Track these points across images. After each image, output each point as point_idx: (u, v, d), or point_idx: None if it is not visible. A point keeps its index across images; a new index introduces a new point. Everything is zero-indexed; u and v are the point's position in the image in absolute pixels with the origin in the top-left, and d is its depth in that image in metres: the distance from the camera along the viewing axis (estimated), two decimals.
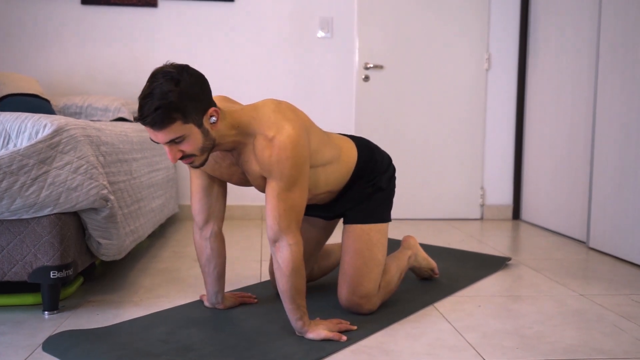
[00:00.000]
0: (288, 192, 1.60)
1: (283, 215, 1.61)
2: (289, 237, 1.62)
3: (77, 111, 3.28)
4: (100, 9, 3.73)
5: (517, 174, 4.04)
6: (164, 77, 1.46)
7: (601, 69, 2.96)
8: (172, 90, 1.45)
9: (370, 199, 1.93)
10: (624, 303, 2.11)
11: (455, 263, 2.64)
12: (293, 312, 1.66)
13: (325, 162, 1.81)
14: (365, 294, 1.87)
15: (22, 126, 1.81)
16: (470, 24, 3.92)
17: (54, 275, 1.85)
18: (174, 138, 1.50)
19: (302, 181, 1.63)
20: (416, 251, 2.25)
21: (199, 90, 1.51)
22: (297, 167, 1.60)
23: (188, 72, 1.50)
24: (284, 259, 1.62)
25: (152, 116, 1.44)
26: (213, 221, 1.86)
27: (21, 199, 1.76)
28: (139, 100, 1.48)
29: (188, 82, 1.48)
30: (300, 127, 1.63)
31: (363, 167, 1.93)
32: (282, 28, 3.85)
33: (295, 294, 1.64)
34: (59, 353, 1.56)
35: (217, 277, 1.90)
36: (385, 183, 1.97)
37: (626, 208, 2.75)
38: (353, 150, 1.93)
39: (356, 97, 3.89)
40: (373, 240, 1.91)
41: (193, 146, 1.53)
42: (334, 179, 1.87)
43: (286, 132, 1.58)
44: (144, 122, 1.47)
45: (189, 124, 1.49)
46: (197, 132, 1.52)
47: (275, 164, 1.58)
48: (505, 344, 1.69)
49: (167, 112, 1.45)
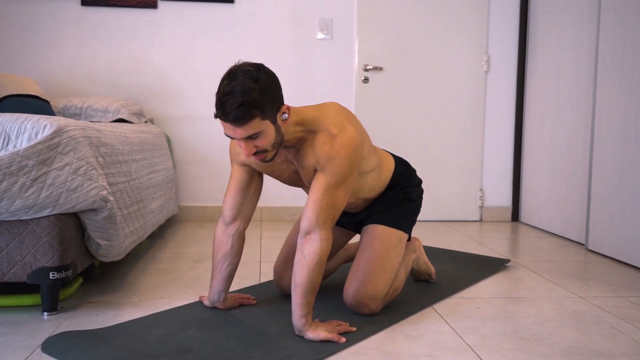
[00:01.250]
0: (334, 189, 1.66)
1: (324, 209, 1.65)
2: (322, 232, 1.66)
3: (77, 112, 3.28)
4: (100, 10, 3.73)
5: (516, 176, 4.04)
6: (243, 75, 1.51)
7: (600, 71, 2.97)
8: (253, 87, 1.50)
9: (399, 206, 1.99)
10: (623, 305, 2.11)
11: (454, 265, 2.64)
12: (300, 308, 1.66)
13: (370, 169, 1.89)
14: (373, 294, 1.88)
15: (22, 127, 1.81)
16: (470, 26, 3.93)
17: (53, 276, 1.85)
18: (252, 134, 1.55)
19: (349, 183, 1.69)
20: (419, 254, 2.27)
21: (275, 87, 1.57)
22: (350, 168, 1.66)
23: (264, 70, 1.56)
24: (311, 251, 1.65)
25: (235, 112, 1.49)
26: (241, 220, 1.89)
27: (21, 200, 1.76)
28: (218, 97, 1.52)
29: (266, 79, 1.54)
30: (361, 131, 1.73)
31: (398, 179, 2.01)
32: (281, 30, 3.86)
33: (310, 289, 1.66)
34: (58, 354, 1.56)
35: (227, 275, 1.91)
36: (415, 195, 2.05)
37: (625, 210, 2.75)
38: (391, 162, 2.02)
39: (355, 98, 3.89)
40: (393, 244, 1.94)
41: (267, 142, 1.59)
42: (375, 186, 1.95)
43: (349, 132, 1.66)
44: (225, 119, 1.51)
45: (266, 120, 1.55)
46: (272, 127, 1.58)
47: (332, 159, 1.64)
48: (504, 345, 1.70)
49: (249, 109, 1.50)
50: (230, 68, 1.55)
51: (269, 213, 3.93)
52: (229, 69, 1.55)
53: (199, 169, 3.88)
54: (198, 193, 3.90)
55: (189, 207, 3.88)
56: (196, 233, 3.44)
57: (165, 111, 3.83)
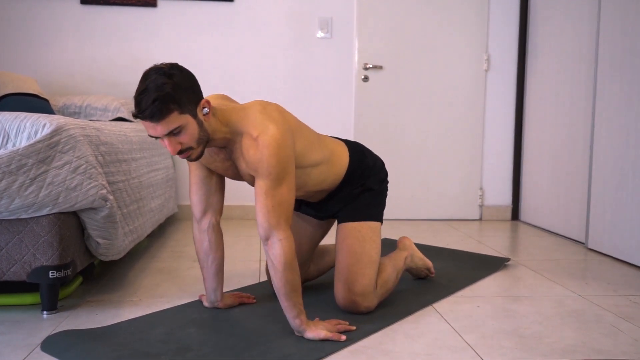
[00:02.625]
0: (275, 189, 1.64)
1: (272, 212, 1.64)
2: (279, 232, 1.64)
3: (76, 111, 3.27)
4: (99, 9, 3.73)
5: (516, 174, 4.04)
6: (156, 72, 1.53)
7: (600, 70, 2.97)
8: (167, 82, 1.51)
9: (359, 198, 1.98)
10: (623, 304, 2.11)
11: (454, 263, 2.64)
12: (289, 310, 1.66)
13: (314, 164, 1.85)
14: (360, 291, 1.87)
15: (21, 126, 1.81)
16: (470, 25, 3.93)
17: (53, 275, 1.84)
18: (172, 129, 1.54)
19: (288, 178, 1.67)
20: (412, 252, 2.27)
21: (190, 82, 1.58)
22: (281, 165, 1.64)
23: (178, 67, 1.57)
24: (275, 254, 1.63)
25: (150, 108, 1.50)
26: (211, 213, 1.88)
27: (20, 199, 1.76)
28: (135, 98, 1.53)
29: (179, 76, 1.55)
30: (284, 128, 1.68)
31: (354, 171, 1.98)
32: (281, 28, 3.85)
33: (290, 291, 1.64)
34: (57, 353, 1.56)
35: (215, 271, 1.91)
36: (375, 185, 2.01)
37: (625, 209, 2.75)
38: (345, 154, 1.98)
39: (355, 97, 3.89)
40: (365, 237, 1.93)
41: (190, 137, 1.58)
42: (323, 181, 1.91)
43: (270, 131, 1.64)
44: (142, 116, 1.52)
45: (185, 114, 1.55)
46: (193, 122, 1.58)
47: (260, 161, 1.63)
48: (503, 344, 1.70)
49: (164, 103, 1.50)
50: (145, 71, 1.57)
51: None
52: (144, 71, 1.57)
53: None
54: None
55: (188, 206, 3.88)
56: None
57: None
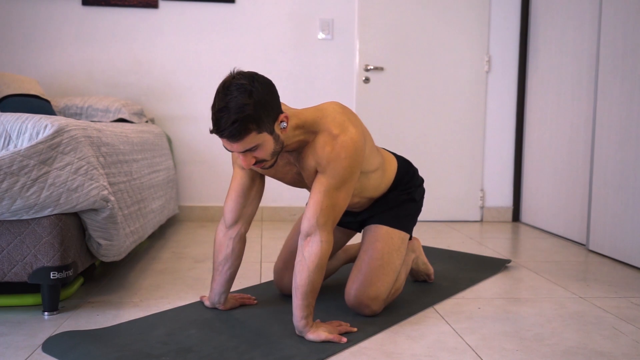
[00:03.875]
0: (335, 191, 1.65)
1: (324, 211, 1.64)
2: (323, 234, 1.65)
3: (78, 112, 3.28)
4: (100, 10, 3.73)
5: (517, 176, 4.04)
6: (237, 89, 1.48)
7: (601, 71, 2.97)
8: (248, 103, 1.47)
9: (401, 206, 1.99)
10: (624, 305, 2.11)
11: (455, 265, 2.64)
12: (301, 309, 1.66)
13: (373, 169, 1.88)
14: (375, 295, 1.87)
15: (23, 127, 1.81)
16: (471, 26, 3.93)
17: (54, 275, 1.85)
18: (249, 148, 1.54)
19: (350, 184, 1.68)
20: (419, 254, 2.28)
21: (271, 98, 1.54)
22: (350, 169, 1.65)
23: (259, 81, 1.52)
24: (312, 253, 1.64)
25: (230, 130, 1.48)
26: (242, 223, 1.88)
27: (21, 200, 1.76)
28: (213, 112, 1.50)
29: (260, 92, 1.50)
30: (362, 133, 1.71)
31: (401, 178, 2.01)
32: (282, 29, 3.86)
33: (310, 291, 1.66)
34: (58, 354, 1.56)
35: (228, 278, 1.91)
36: (418, 196, 2.05)
37: (626, 210, 2.75)
38: (394, 162, 2.02)
39: (356, 98, 3.89)
40: (396, 245, 1.94)
41: (266, 152, 1.58)
42: (378, 186, 1.94)
43: (350, 133, 1.65)
44: (221, 135, 1.50)
45: (263, 132, 1.53)
46: (270, 139, 1.56)
47: (332, 160, 1.63)
48: (504, 346, 1.70)
49: (244, 125, 1.48)
50: (224, 80, 1.52)
51: (269, 213, 3.93)
52: (223, 81, 1.52)
53: (199, 169, 3.88)
54: (199, 193, 3.90)
55: (189, 207, 3.88)
56: (197, 233, 3.44)
57: (166, 111, 3.83)
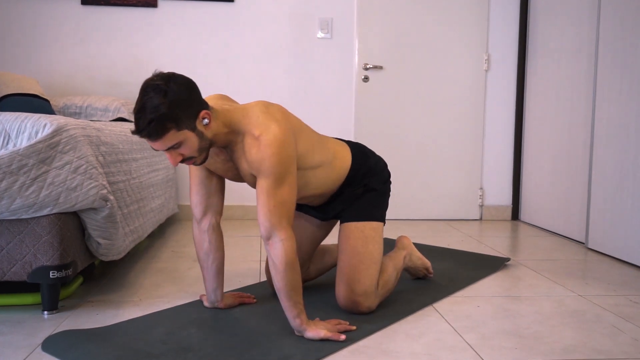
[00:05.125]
0: (276, 189, 1.65)
1: (273, 211, 1.65)
2: (280, 232, 1.65)
3: (77, 111, 3.28)
4: (100, 9, 3.73)
5: (516, 174, 4.04)
6: (153, 90, 1.52)
7: (600, 70, 2.97)
8: (162, 102, 1.51)
9: (361, 199, 1.98)
10: (623, 303, 2.11)
11: (454, 263, 2.65)
12: (290, 310, 1.67)
13: (316, 165, 1.86)
14: (362, 291, 1.88)
15: (22, 126, 1.81)
16: (470, 25, 3.93)
17: (54, 275, 1.85)
18: (171, 145, 1.57)
19: (289, 178, 1.67)
20: (410, 251, 2.26)
21: (187, 96, 1.56)
22: (282, 164, 1.65)
23: (175, 81, 1.55)
24: (277, 254, 1.64)
25: (147, 129, 1.52)
26: (211, 214, 1.89)
27: (21, 199, 1.76)
28: (133, 114, 1.54)
29: (175, 91, 1.53)
30: (286, 127, 1.69)
31: (356, 173, 1.98)
32: (281, 29, 3.86)
33: (291, 291, 1.65)
34: (58, 353, 1.56)
35: (215, 272, 1.91)
36: (378, 185, 2.01)
37: (625, 209, 2.75)
38: (347, 156, 1.98)
39: (355, 97, 3.89)
40: (367, 237, 1.93)
41: (190, 149, 1.60)
42: (324, 183, 1.91)
43: (272, 131, 1.64)
44: (140, 135, 1.54)
45: (183, 130, 1.56)
46: (192, 135, 1.59)
47: (261, 161, 1.63)
48: (504, 344, 1.70)
49: (160, 124, 1.51)
50: (143, 83, 1.56)
51: None
52: (142, 83, 1.57)
53: None
54: None
55: (188, 206, 3.88)
56: None
57: None
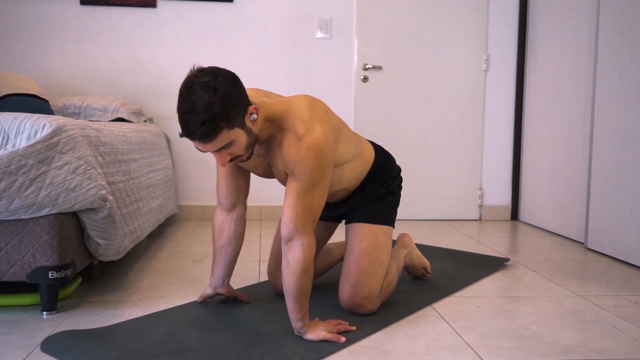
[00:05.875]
0: (308, 193, 1.61)
1: (300, 215, 1.61)
2: (303, 237, 1.63)
3: (76, 111, 3.27)
4: (99, 9, 3.73)
5: (515, 174, 4.04)
6: (201, 88, 1.44)
7: (599, 70, 2.97)
8: (214, 101, 1.43)
9: (381, 201, 1.97)
10: (622, 304, 2.11)
11: (454, 264, 2.64)
12: (295, 312, 1.66)
13: (349, 159, 1.85)
14: (368, 294, 1.87)
15: (21, 126, 1.81)
16: (469, 25, 3.93)
17: (53, 275, 1.84)
18: (223, 146, 1.51)
19: (323, 184, 1.64)
20: (411, 249, 2.26)
21: (236, 92, 1.50)
22: (320, 170, 1.61)
23: (222, 75, 1.48)
24: (295, 258, 1.62)
25: (200, 131, 1.44)
26: (240, 205, 1.91)
27: (20, 199, 1.76)
28: (180, 115, 1.46)
29: (225, 87, 1.46)
30: (330, 130, 1.65)
31: (378, 169, 1.98)
32: (281, 29, 3.86)
33: (301, 295, 1.65)
34: (57, 353, 1.56)
35: (231, 259, 1.94)
36: (396, 188, 2.02)
37: (624, 209, 2.75)
38: (371, 150, 1.99)
39: (355, 97, 3.89)
40: (380, 241, 1.92)
41: (240, 147, 1.56)
42: (354, 176, 1.91)
43: (315, 133, 1.59)
44: (192, 138, 1.47)
45: (234, 128, 1.50)
46: (242, 133, 1.54)
47: (299, 163, 1.59)
48: (503, 344, 1.70)
49: (214, 124, 1.44)
50: (186, 80, 1.46)
51: (268, 212, 3.93)
52: (185, 81, 1.46)
53: (198, 168, 3.88)
54: (197, 192, 3.90)
55: (188, 206, 3.88)
56: (195, 232, 3.44)
57: (165, 110, 3.83)
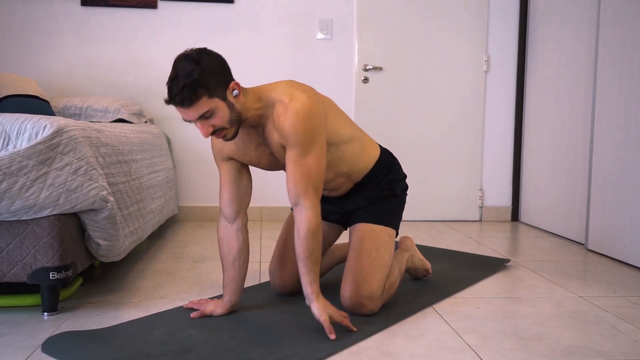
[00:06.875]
0: (303, 158, 1.70)
1: (299, 180, 1.70)
2: (305, 200, 1.70)
3: (77, 112, 3.28)
4: (99, 10, 3.73)
5: (516, 175, 4.04)
6: (185, 59, 1.60)
7: (600, 70, 2.97)
8: (194, 68, 1.58)
9: (384, 202, 2.00)
10: (623, 305, 2.12)
11: (454, 265, 2.65)
12: (305, 275, 1.70)
13: (347, 138, 1.90)
14: (369, 294, 1.88)
15: (22, 127, 1.81)
16: (469, 26, 3.93)
17: (54, 276, 1.85)
18: (203, 113, 1.61)
19: (316, 147, 1.72)
20: (413, 252, 2.27)
21: (218, 66, 1.64)
22: (309, 133, 1.69)
23: (206, 53, 1.63)
24: (300, 220, 1.69)
25: (180, 95, 1.57)
26: (242, 213, 1.92)
27: (21, 200, 1.76)
28: (167, 85, 1.61)
29: (207, 60, 1.61)
30: (314, 97, 1.74)
31: (382, 167, 2.01)
32: (281, 30, 3.86)
33: (308, 258, 1.69)
34: (58, 354, 1.56)
35: (244, 271, 1.93)
36: (400, 191, 2.05)
37: (625, 210, 2.76)
38: (376, 147, 2.04)
39: (355, 98, 3.89)
40: (382, 241, 1.94)
41: (222, 119, 1.65)
42: (355, 161, 1.94)
43: (299, 98, 1.70)
44: (173, 102, 1.60)
45: (214, 97, 1.61)
46: (223, 105, 1.64)
47: (288, 127, 1.68)
48: (504, 345, 1.70)
49: (193, 89, 1.57)
50: (176, 57, 1.63)
51: (269, 213, 3.93)
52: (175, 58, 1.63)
53: (198, 169, 3.89)
54: (198, 193, 3.90)
55: (189, 207, 3.88)
56: (196, 233, 3.44)
57: (165, 111, 3.84)
